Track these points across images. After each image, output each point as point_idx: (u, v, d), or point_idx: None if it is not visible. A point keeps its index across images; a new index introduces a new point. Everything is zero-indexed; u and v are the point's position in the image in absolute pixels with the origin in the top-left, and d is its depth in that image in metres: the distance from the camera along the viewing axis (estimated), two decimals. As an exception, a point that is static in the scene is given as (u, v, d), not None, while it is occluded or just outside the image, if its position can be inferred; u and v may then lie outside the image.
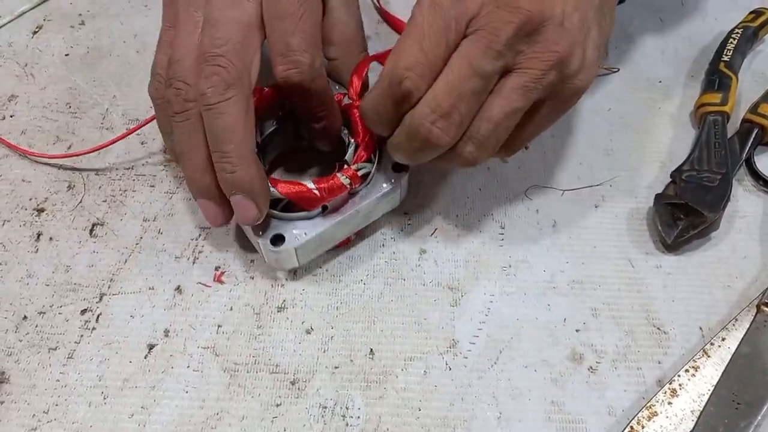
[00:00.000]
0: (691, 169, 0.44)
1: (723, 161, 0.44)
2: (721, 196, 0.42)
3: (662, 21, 0.57)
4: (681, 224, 0.42)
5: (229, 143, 0.34)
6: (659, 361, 0.39)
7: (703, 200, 0.42)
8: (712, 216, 0.41)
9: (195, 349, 0.39)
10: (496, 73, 0.33)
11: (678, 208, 0.42)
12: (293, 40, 0.35)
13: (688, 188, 0.43)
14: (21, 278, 0.41)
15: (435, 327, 0.40)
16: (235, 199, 0.35)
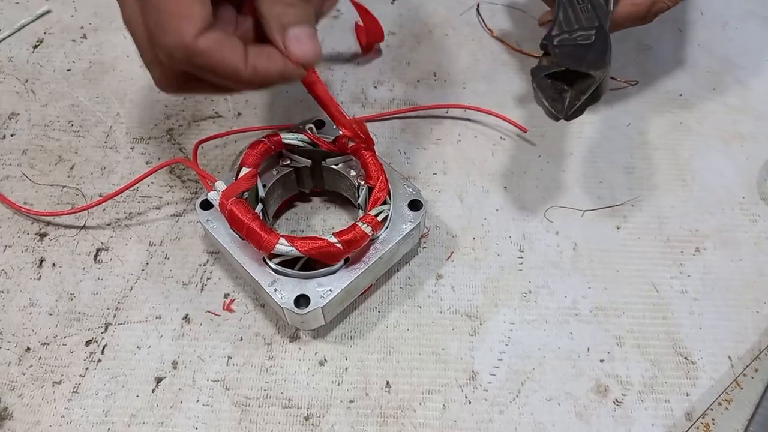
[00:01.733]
0: (561, 32, 0.39)
1: (592, 15, 0.40)
2: (602, 51, 0.37)
3: (681, 31, 0.55)
4: (569, 95, 0.37)
5: None
6: (687, 392, 0.37)
7: (585, 60, 0.37)
8: (599, 74, 0.37)
9: (204, 382, 0.37)
10: None
11: (561, 79, 0.37)
12: (149, 19, 0.31)
13: (565, 52, 0.38)
14: (24, 307, 0.40)
15: (453, 357, 0.38)
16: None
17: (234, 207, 0.35)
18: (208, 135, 0.46)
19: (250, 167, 0.38)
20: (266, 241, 0.35)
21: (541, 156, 0.47)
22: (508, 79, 0.52)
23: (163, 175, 0.46)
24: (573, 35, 0.39)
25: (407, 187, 0.40)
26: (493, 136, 0.48)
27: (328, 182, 0.43)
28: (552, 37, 0.39)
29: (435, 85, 0.51)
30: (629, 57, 0.53)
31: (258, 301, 0.40)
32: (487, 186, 0.45)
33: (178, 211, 0.44)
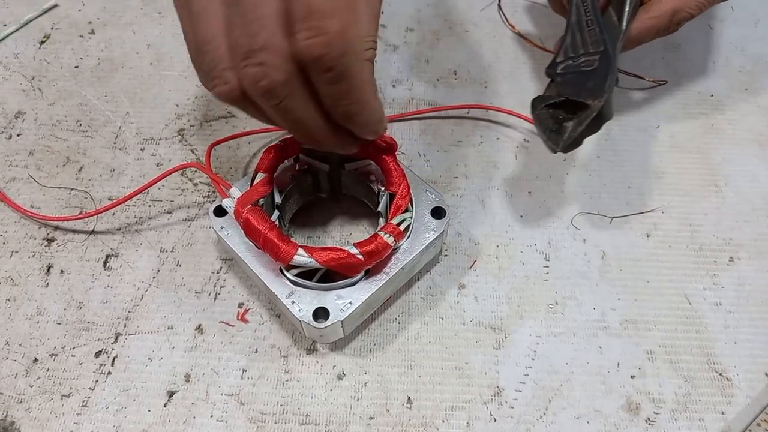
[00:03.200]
0: (566, 59, 0.37)
1: (599, 39, 0.37)
2: (602, 78, 0.35)
3: (711, 28, 0.53)
4: (570, 125, 0.35)
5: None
6: (722, 411, 0.36)
7: (585, 88, 0.35)
8: (596, 103, 0.34)
9: (218, 396, 0.36)
10: None
11: (562, 108, 0.35)
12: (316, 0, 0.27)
13: (567, 80, 0.36)
14: (31, 316, 0.38)
15: (477, 372, 0.37)
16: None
17: (250, 215, 0.34)
18: (220, 136, 0.44)
19: (266, 173, 0.36)
20: (284, 252, 0.33)
21: (567, 159, 0.45)
22: (532, 78, 0.50)
23: (175, 178, 0.44)
24: (577, 61, 0.37)
25: (429, 193, 0.38)
26: (517, 138, 0.46)
27: (346, 187, 0.41)
28: (556, 64, 0.38)
29: (455, 84, 0.49)
30: (658, 56, 0.51)
31: (273, 311, 0.39)
32: (511, 191, 0.44)
33: (190, 216, 0.42)
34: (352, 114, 0.30)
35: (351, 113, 0.30)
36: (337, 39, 0.27)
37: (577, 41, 0.38)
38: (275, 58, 0.28)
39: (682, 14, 0.41)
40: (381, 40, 0.52)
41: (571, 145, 0.35)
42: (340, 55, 0.27)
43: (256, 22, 0.28)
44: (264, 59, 0.28)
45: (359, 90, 0.29)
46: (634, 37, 0.41)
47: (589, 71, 0.36)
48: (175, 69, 0.50)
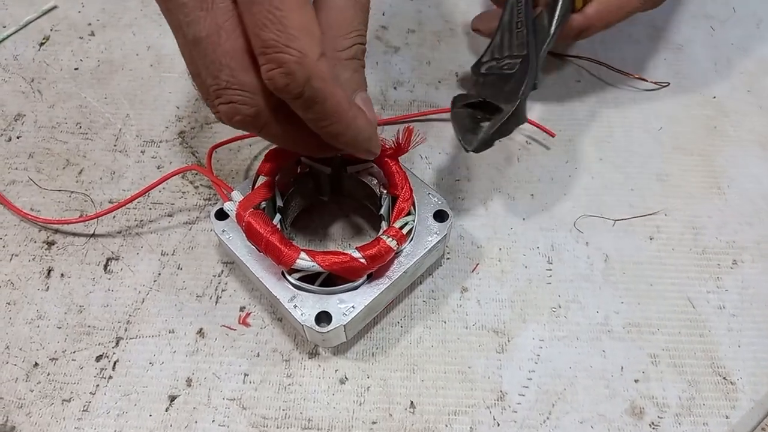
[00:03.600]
0: (491, 59, 0.38)
1: (524, 42, 0.37)
2: (519, 83, 0.36)
3: (714, 30, 0.53)
4: (484, 126, 0.35)
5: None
6: (727, 415, 0.35)
7: (502, 91, 0.35)
8: (508, 107, 0.35)
9: (220, 400, 0.36)
10: None
11: (480, 109, 0.36)
12: (269, 33, 0.27)
13: (488, 82, 0.37)
14: (31, 320, 0.38)
15: (480, 376, 0.37)
16: None
17: (252, 219, 0.34)
18: (221, 138, 0.44)
19: (268, 176, 0.36)
20: (286, 256, 0.33)
21: (569, 162, 0.45)
22: (534, 80, 0.49)
23: (175, 180, 0.44)
24: (500, 63, 0.38)
25: (432, 196, 0.38)
26: (519, 140, 0.46)
27: (347, 190, 0.41)
28: (481, 64, 0.38)
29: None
30: (659, 57, 0.51)
31: (275, 315, 0.38)
32: (513, 193, 0.43)
33: (191, 219, 0.42)
34: (336, 134, 0.30)
35: (334, 133, 0.30)
36: (296, 66, 0.27)
37: (505, 42, 0.39)
38: (242, 95, 0.29)
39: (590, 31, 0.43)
40: (382, 42, 0.52)
41: (482, 145, 0.36)
42: (304, 82, 0.27)
43: (217, 62, 0.29)
44: (231, 97, 0.29)
45: (335, 111, 0.29)
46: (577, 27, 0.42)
47: (508, 75, 0.37)
48: (175, 71, 0.50)
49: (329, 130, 0.30)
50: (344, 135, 0.31)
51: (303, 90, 0.28)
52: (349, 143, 0.31)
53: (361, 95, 0.32)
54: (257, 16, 0.27)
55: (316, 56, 0.27)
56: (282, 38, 0.27)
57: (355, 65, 0.32)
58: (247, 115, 0.30)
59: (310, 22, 0.28)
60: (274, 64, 0.27)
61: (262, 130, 0.31)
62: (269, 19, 0.27)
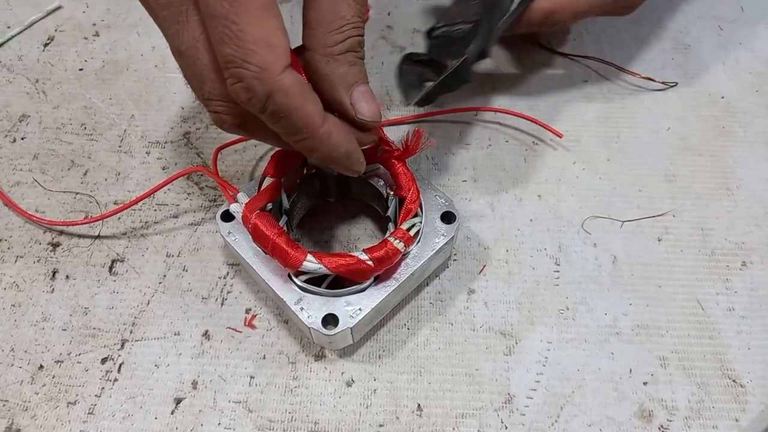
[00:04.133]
0: (443, 25, 0.39)
1: (477, 10, 0.38)
2: (466, 43, 0.37)
3: (721, 29, 0.52)
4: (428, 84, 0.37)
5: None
6: (737, 418, 0.35)
7: (449, 50, 0.37)
8: (453, 62, 0.36)
9: (226, 403, 0.35)
10: None
11: (427, 67, 0.38)
12: (226, 48, 0.26)
13: (437, 44, 0.39)
14: (36, 322, 0.38)
15: (488, 379, 0.36)
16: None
17: (258, 221, 0.33)
18: (226, 139, 0.44)
19: (274, 177, 0.36)
20: (293, 258, 0.33)
21: (576, 162, 0.45)
22: (541, 80, 0.49)
23: (180, 182, 0.43)
24: (452, 28, 0.39)
25: (439, 197, 0.38)
26: (526, 140, 0.46)
27: (354, 191, 0.41)
28: (434, 29, 0.40)
29: (463, 86, 0.49)
30: (667, 57, 0.50)
31: (281, 317, 0.38)
32: (520, 194, 0.43)
33: (196, 220, 0.42)
34: (309, 149, 0.30)
35: (307, 148, 0.30)
36: (255, 82, 0.26)
37: (459, 11, 0.40)
38: (225, 105, 0.29)
39: (555, 17, 0.42)
40: (387, 42, 0.52)
41: (423, 100, 0.38)
42: (265, 97, 0.27)
43: (198, 75, 0.29)
44: (215, 108, 0.30)
45: (304, 126, 0.28)
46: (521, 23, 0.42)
47: (457, 38, 0.38)
48: (180, 71, 0.49)
49: (300, 145, 0.30)
50: (318, 151, 0.30)
51: (266, 104, 0.27)
52: (324, 159, 0.30)
53: (359, 88, 0.31)
54: (215, 30, 0.26)
55: (278, 70, 0.27)
56: (239, 53, 0.26)
57: (350, 58, 0.30)
58: (233, 125, 0.30)
59: (271, 34, 0.27)
60: (234, 78, 0.27)
61: (253, 135, 0.32)
62: (226, 33, 0.26)
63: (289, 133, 0.29)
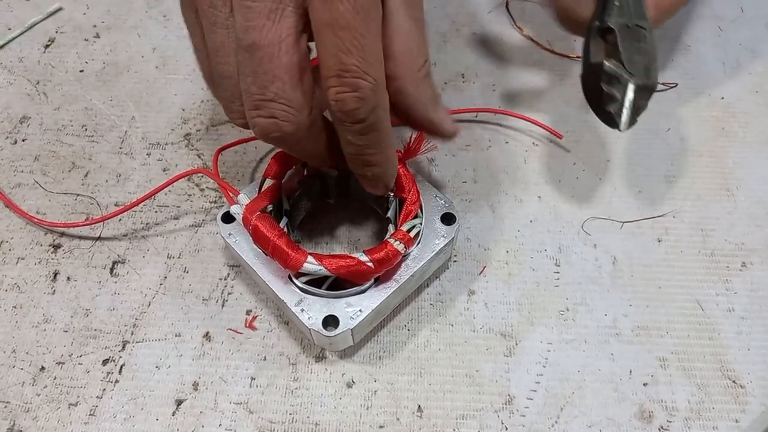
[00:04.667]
0: (617, 15, 0.34)
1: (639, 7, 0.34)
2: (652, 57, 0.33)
3: (721, 30, 0.52)
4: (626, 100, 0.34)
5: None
6: (737, 419, 0.35)
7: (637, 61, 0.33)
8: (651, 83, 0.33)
9: (227, 404, 0.36)
10: None
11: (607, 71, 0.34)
12: (351, 59, 0.27)
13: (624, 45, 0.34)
14: (37, 323, 0.38)
15: (488, 380, 0.36)
16: None
17: (259, 222, 0.33)
18: (227, 140, 0.44)
19: (274, 179, 0.36)
20: (293, 260, 0.33)
21: (576, 163, 0.45)
22: (541, 81, 0.49)
23: (181, 183, 0.44)
24: (630, 22, 0.34)
25: (439, 198, 0.38)
26: (526, 141, 0.46)
27: (354, 192, 0.41)
28: (604, 19, 0.34)
29: (463, 87, 0.49)
30: (667, 57, 0.50)
31: (282, 318, 0.38)
32: (520, 195, 0.43)
33: (196, 222, 0.42)
34: (372, 164, 0.32)
35: (371, 163, 0.32)
36: (371, 94, 0.28)
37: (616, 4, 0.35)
38: (286, 110, 0.29)
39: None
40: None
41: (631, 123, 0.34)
42: (372, 109, 0.28)
43: (270, 73, 0.28)
44: (274, 112, 0.29)
45: (385, 142, 0.31)
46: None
47: (640, 43, 0.34)
48: (180, 72, 0.50)
49: (370, 159, 0.31)
50: (379, 166, 0.32)
51: (368, 116, 0.29)
52: (379, 175, 0.33)
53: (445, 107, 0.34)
54: (342, 41, 0.27)
55: (385, 86, 0.29)
56: (363, 65, 0.27)
57: (430, 82, 0.33)
58: (287, 132, 0.30)
59: (381, 53, 0.29)
60: (349, 88, 0.28)
61: (294, 146, 0.32)
62: (354, 45, 0.27)
63: (367, 146, 0.31)
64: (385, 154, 0.32)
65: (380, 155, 0.31)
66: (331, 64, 0.28)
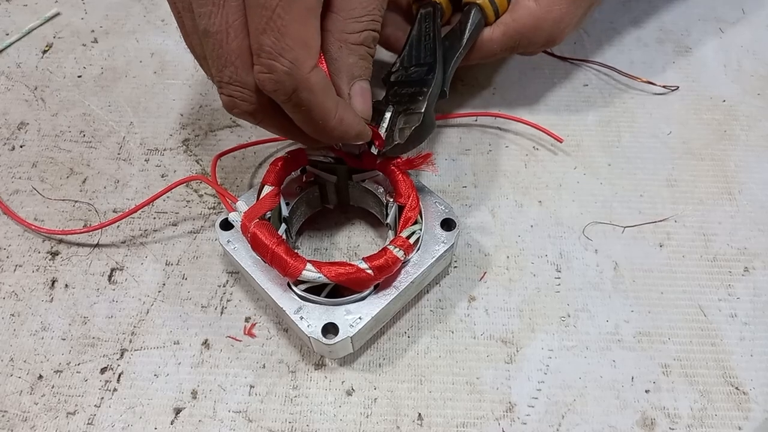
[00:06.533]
0: (399, 68, 0.39)
1: (432, 52, 0.38)
2: (425, 83, 0.36)
3: (723, 32, 0.52)
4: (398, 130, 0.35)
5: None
6: (739, 426, 0.35)
7: (409, 98, 0.36)
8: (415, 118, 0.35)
9: (226, 413, 0.35)
10: None
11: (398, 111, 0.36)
12: (266, 38, 0.28)
13: (396, 92, 0.37)
14: (35, 331, 0.38)
15: (489, 387, 0.36)
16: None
17: (257, 230, 0.33)
18: (226, 146, 0.44)
19: (273, 185, 0.36)
20: (292, 268, 0.32)
21: (577, 168, 0.44)
22: (541, 85, 0.49)
23: (180, 189, 0.43)
24: (408, 72, 0.38)
25: (438, 204, 0.38)
26: (526, 145, 0.46)
27: (353, 198, 0.41)
28: (390, 74, 0.39)
29: (463, 91, 0.49)
30: (668, 60, 0.50)
31: (281, 325, 0.38)
32: (521, 200, 0.43)
33: (195, 228, 0.42)
34: (321, 134, 0.32)
35: (321, 131, 0.32)
36: (286, 77, 0.28)
37: (413, 54, 0.39)
38: (241, 91, 0.30)
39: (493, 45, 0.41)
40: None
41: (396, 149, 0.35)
42: (292, 91, 0.29)
43: (222, 58, 0.29)
44: (231, 92, 0.30)
45: (321, 117, 0.30)
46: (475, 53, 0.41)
47: (416, 80, 0.37)
48: (179, 77, 0.49)
49: (314, 132, 0.32)
50: (330, 135, 0.32)
51: (290, 98, 0.29)
52: (335, 140, 0.33)
53: (360, 84, 0.33)
54: (259, 19, 0.27)
55: (307, 69, 0.28)
56: (277, 46, 0.28)
57: (362, 52, 0.32)
58: (245, 111, 0.31)
59: (310, 35, 0.29)
60: (266, 68, 0.28)
61: (261, 124, 0.33)
62: (270, 25, 0.27)
63: (305, 122, 0.31)
64: (329, 125, 0.31)
65: (324, 129, 0.31)
66: (253, 43, 0.28)
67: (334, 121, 0.31)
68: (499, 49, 0.41)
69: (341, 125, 0.31)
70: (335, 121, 0.31)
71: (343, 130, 0.31)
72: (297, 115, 0.31)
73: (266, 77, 0.28)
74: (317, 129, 0.31)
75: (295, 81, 0.28)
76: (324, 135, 0.32)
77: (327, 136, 0.32)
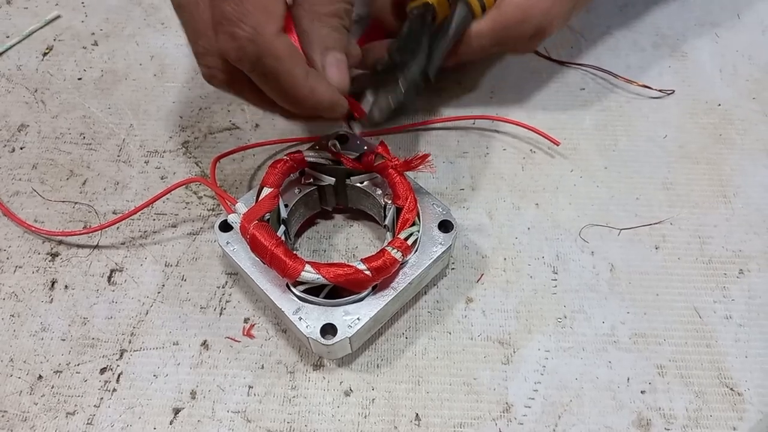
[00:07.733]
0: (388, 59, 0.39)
1: (417, 44, 0.39)
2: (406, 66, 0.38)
3: (718, 36, 0.53)
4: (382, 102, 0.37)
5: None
6: (734, 427, 0.35)
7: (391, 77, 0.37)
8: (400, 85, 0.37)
9: (225, 413, 0.35)
10: None
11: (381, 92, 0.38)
12: (226, 5, 0.28)
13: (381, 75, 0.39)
14: (35, 332, 0.38)
15: (486, 388, 0.36)
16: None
17: (256, 231, 0.34)
18: (225, 148, 0.44)
19: (272, 187, 0.36)
20: (291, 269, 0.33)
21: (574, 170, 0.45)
22: (538, 88, 0.49)
23: (179, 191, 0.44)
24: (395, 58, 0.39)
25: (436, 206, 0.38)
26: (523, 148, 0.46)
27: (352, 200, 0.41)
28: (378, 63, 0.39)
29: (461, 94, 0.49)
30: (664, 64, 0.51)
31: (279, 326, 0.38)
32: (518, 203, 0.43)
33: (194, 230, 0.42)
34: (295, 102, 0.31)
35: (293, 102, 0.31)
36: (248, 43, 0.28)
37: (400, 48, 0.39)
38: (215, 61, 0.30)
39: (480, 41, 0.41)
40: (385, 50, 0.52)
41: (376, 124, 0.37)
42: (256, 59, 0.28)
43: (195, 29, 0.30)
44: (207, 62, 0.31)
45: (290, 87, 0.30)
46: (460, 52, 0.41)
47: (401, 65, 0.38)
48: (178, 80, 0.50)
49: (287, 103, 0.31)
50: (302, 106, 0.31)
51: (255, 66, 0.29)
52: (309, 111, 0.32)
53: (334, 55, 0.32)
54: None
55: (270, 34, 0.28)
56: (236, 12, 0.27)
57: (334, 23, 0.32)
58: (222, 81, 0.31)
59: (271, 1, 0.28)
60: (228, 36, 0.28)
61: (240, 95, 0.33)
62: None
63: (273, 92, 0.31)
64: (300, 96, 0.30)
65: (294, 100, 0.30)
66: (214, 12, 0.28)
67: (305, 90, 0.30)
68: (488, 44, 0.41)
69: (313, 95, 0.31)
70: (306, 91, 0.30)
71: (316, 100, 0.31)
72: (266, 85, 0.30)
73: (230, 46, 0.28)
74: (288, 99, 0.31)
75: (258, 47, 0.28)
76: (296, 106, 0.31)
77: (300, 107, 0.31)
